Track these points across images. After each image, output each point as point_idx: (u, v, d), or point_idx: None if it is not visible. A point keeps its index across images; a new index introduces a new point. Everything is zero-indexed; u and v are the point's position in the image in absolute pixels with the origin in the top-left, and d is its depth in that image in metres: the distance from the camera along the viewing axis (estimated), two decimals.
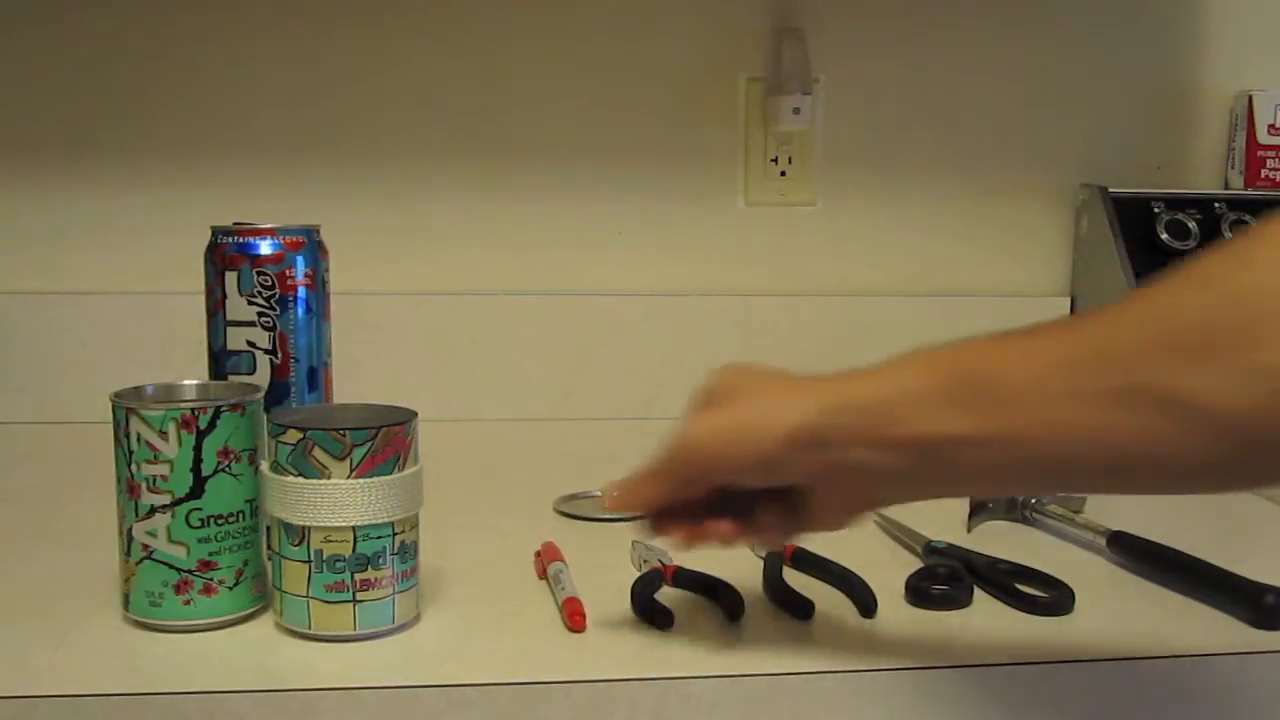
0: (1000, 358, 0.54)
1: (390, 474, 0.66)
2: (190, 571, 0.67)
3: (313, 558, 0.66)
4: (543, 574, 0.76)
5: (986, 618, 0.72)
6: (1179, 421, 0.48)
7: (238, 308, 0.79)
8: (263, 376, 0.79)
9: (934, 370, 0.55)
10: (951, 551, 0.79)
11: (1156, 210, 1.26)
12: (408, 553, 0.68)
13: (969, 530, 0.86)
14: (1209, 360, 0.48)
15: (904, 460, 0.56)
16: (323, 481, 0.65)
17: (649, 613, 0.69)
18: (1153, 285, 0.51)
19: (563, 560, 0.77)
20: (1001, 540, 0.84)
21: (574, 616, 0.69)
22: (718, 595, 0.72)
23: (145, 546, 0.67)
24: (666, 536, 0.65)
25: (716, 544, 0.64)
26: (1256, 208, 1.27)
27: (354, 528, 0.65)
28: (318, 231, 0.82)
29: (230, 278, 0.78)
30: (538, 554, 0.79)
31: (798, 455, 0.58)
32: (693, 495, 0.63)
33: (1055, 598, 0.73)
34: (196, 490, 0.67)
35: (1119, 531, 0.82)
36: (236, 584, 0.68)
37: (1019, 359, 0.53)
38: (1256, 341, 0.47)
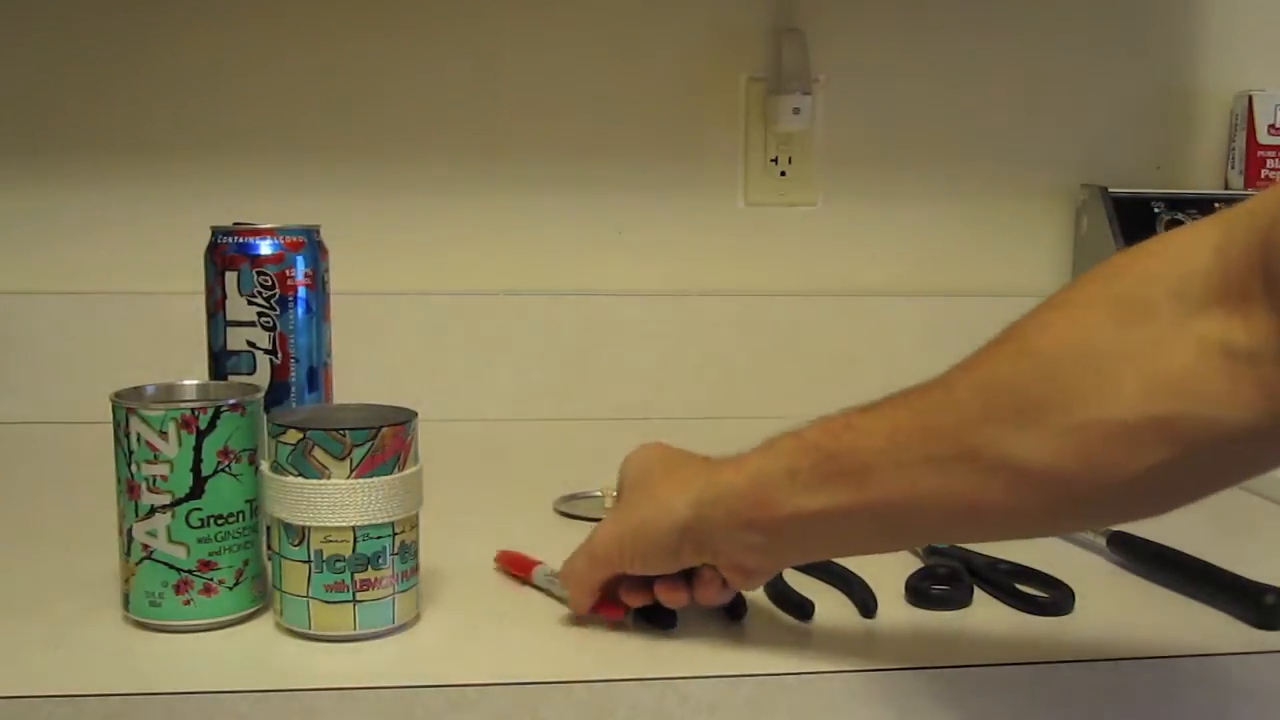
0: (852, 434, 0.59)
1: (390, 474, 0.66)
2: (190, 571, 0.67)
3: (313, 558, 0.66)
4: (524, 580, 0.75)
5: (986, 618, 0.72)
6: (1007, 480, 0.54)
7: (238, 308, 0.79)
8: (263, 376, 0.79)
9: (795, 453, 0.60)
10: (951, 551, 0.79)
11: (1156, 210, 1.26)
12: (408, 553, 0.68)
13: None
14: (1025, 423, 0.53)
15: (774, 538, 0.62)
16: (323, 481, 0.65)
17: (650, 613, 0.69)
18: (976, 353, 0.58)
19: (539, 561, 0.75)
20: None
21: (612, 610, 0.68)
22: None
23: (145, 546, 0.67)
24: (624, 603, 0.69)
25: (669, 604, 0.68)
26: None
27: (354, 528, 0.65)
28: (318, 231, 0.82)
29: (230, 278, 0.78)
30: (499, 566, 0.78)
31: (686, 545, 0.64)
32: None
33: (1055, 598, 0.73)
34: (196, 490, 0.67)
35: (1119, 531, 0.82)
36: (236, 584, 0.68)
37: (868, 434, 0.58)
38: (1063, 405, 0.53)
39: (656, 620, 0.69)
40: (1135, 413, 0.51)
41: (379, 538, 0.66)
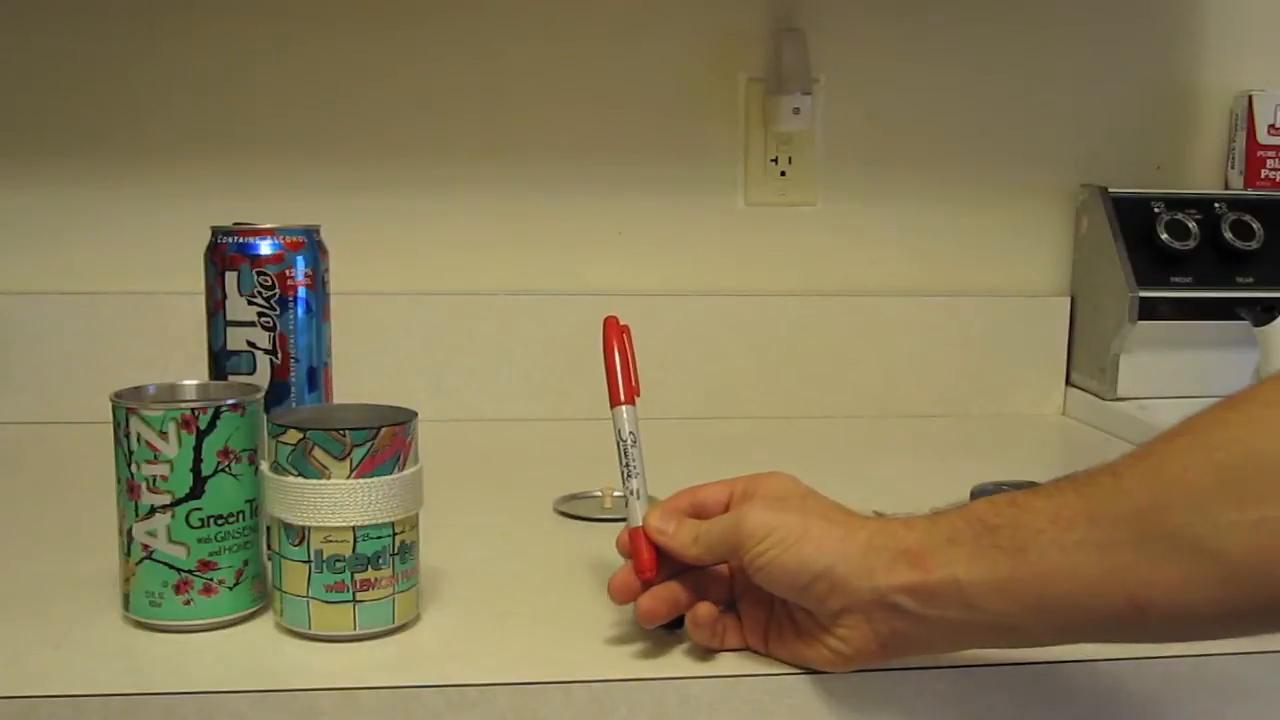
0: (1015, 510, 0.57)
1: (390, 474, 0.66)
2: (190, 571, 0.67)
3: (313, 558, 0.66)
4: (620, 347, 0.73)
5: None
6: (1187, 564, 0.52)
7: (238, 308, 0.79)
8: (263, 376, 0.79)
9: (958, 522, 0.58)
10: None
11: (1156, 210, 1.26)
12: (408, 553, 0.68)
13: None
14: (1204, 513, 0.51)
15: (922, 604, 0.58)
16: (323, 481, 0.65)
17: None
18: (1147, 443, 0.55)
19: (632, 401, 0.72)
20: None
21: (645, 568, 0.65)
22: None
23: (145, 546, 0.67)
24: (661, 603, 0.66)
25: (689, 618, 0.66)
26: (1256, 208, 1.27)
27: (354, 528, 0.65)
28: (318, 231, 0.82)
29: (230, 278, 0.78)
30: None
31: (828, 583, 0.60)
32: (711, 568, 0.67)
33: None
34: (196, 490, 0.67)
35: None
36: (236, 584, 0.69)
37: (1031, 511, 0.56)
38: (1238, 501, 0.51)
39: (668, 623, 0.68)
40: None
41: (379, 538, 0.66)
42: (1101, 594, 0.54)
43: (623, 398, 0.71)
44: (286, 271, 0.79)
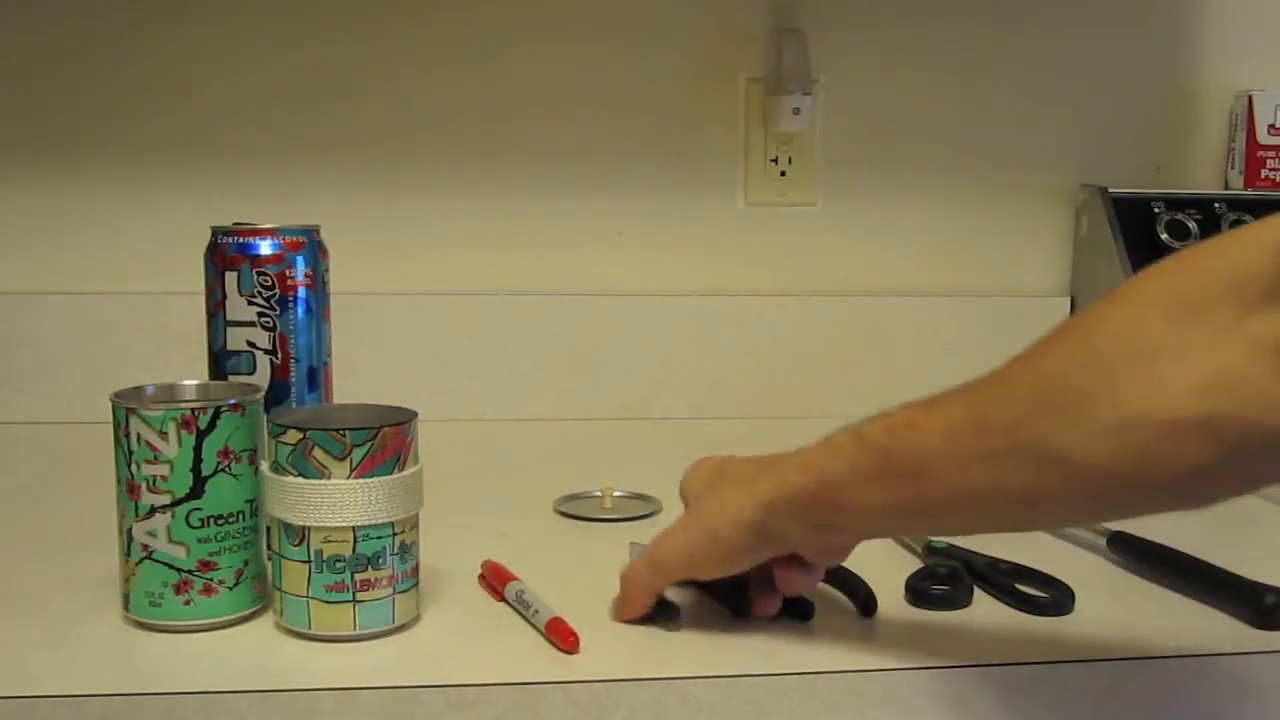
0: (910, 431, 0.60)
1: (390, 474, 0.66)
2: (190, 571, 0.67)
3: (313, 558, 0.66)
4: (499, 597, 0.73)
5: (986, 618, 0.72)
6: (1059, 476, 0.55)
7: (238, 308, 0.79)
8: (263, 376, 0.79)
9: (856, 451, 0.62)
10: (951, 551, 0.79)
11: (1156, 210, 1.26)
12: (408, 553, 0.68)
13: None
14: (1077, 418, 0.54)
15: (849, 524, 0.64)
16: (323, 481, 0.65)
17: (659, 608, 0.69)
18: (1036, 343, 0.58)
19: (516, 577, 0.73)
20: (1001, 540, 0.84)
21: (566, 638, 0.66)
22: (724, 593, 0.71)
23: (145, 546, 0.67)
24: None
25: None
26: (1256, 208, 1.27)
27: (354, 528, 0.65)
28: (318, 231, 0.82)
29: (230, 278, 0.78)
30: (482, 576, 0.76)
31: (763, 544, 0.66)
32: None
33: (1055, 598, 0.73)
34: (196, 490, 0.67)
35: (1119, 531, 0.82)
36: (236, 584, 0.68)
37: (926, 431, 0.59)
38: (1113, 400, 0.53)
39: (666, 615, 0.69)
40: (1184, 411, 0.51)
41: (379, 538, 0.66)
42: (990, 503, 0.58)
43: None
44: (286, 271, 0.79)
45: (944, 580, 0.74)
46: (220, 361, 0.80)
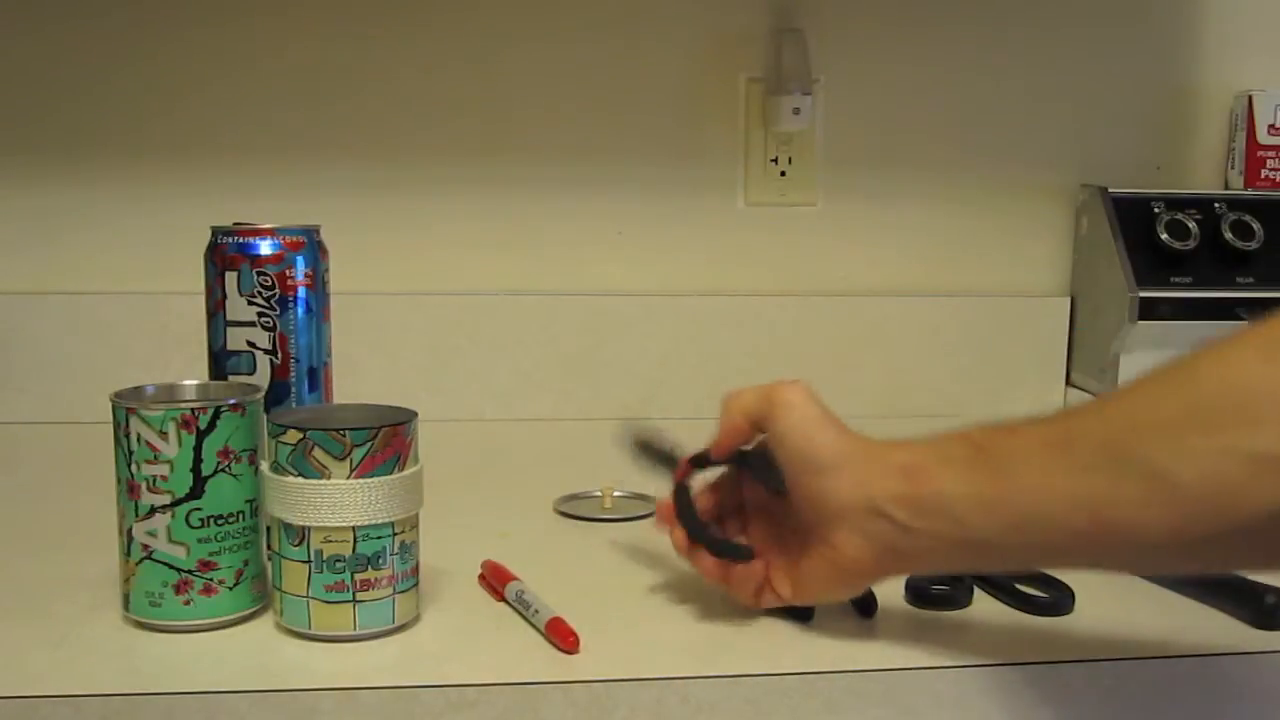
0: (1006, 434, 0.61)
1: (390, 474, 0.66)
2: (190, 571, 0.67)
3: (313, 558, 0.66)
4: (499, 597, 0.73)
5: (986, 618, 0.72)
6: (1145, 487, 0.55)
7: (238, 308, 0.79)
8: (263, 376, 0.79)
9: (953, 442, 0.62)
10: None
11: (1156, 210, 1.26)
12: (408, 553, 0.68)
13: None
14: (1167, 437, 0.54)
15: (913, 515, 0.62)
16: (323, 481, 0.65)
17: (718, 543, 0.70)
18: (1141, 377, 0.58)
19: (516, 577, 0.74)
20: None
21: (566, 638, 0.66)
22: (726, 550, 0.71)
23: (145, 546, 0.67)
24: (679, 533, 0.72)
25: (699, 570, 0.71)
26: (1256, 208, 1.27)
27: (354, 528, 0.65)
28: (318, 231, 0.82)
29: (230, 278, 0.78)
30: (482, 576, 0.76)
31: (829, 486, 0.64)
32: (733, 446, 0.73)
33: (1055, 598, 0.73)
34: (196, 490, 0.67)
35: None
36: (236, 584, 0.69)
37: (1022, 436, 0.60)
38: (1204, 428, 0.53)
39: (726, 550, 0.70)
40: (1272, 448, 0.52)
41: (379, 538, 0.66)
42: (1069, 512, 0.57)
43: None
44: (286, 271, 0.79)
45: (944, 580, 0.74)
46: (220, 361, 0.80)
